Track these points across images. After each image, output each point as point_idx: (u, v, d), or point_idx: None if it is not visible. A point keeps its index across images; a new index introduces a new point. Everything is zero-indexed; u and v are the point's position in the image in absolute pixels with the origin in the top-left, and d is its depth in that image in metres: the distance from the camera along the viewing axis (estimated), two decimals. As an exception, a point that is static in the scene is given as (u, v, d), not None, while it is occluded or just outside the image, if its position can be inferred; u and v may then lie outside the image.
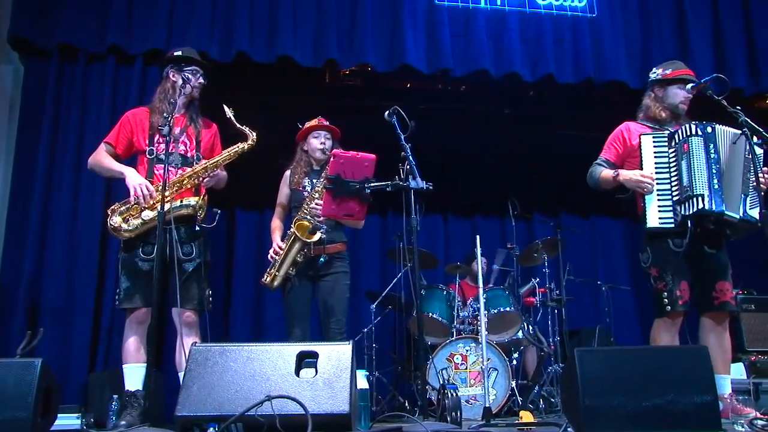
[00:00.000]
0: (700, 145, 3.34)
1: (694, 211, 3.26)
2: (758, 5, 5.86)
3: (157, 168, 3.49)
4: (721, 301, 3.42)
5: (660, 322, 3.44)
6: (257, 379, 2.47)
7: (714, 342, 3.45)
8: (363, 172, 3.43)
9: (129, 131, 3.59)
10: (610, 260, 7.19)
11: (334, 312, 3.84)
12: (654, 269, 3.44)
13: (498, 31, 5.47)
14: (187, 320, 3.44)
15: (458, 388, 4.34)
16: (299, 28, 5.19)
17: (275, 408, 2.32)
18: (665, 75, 3.70)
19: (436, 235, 6.87)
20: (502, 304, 5.05)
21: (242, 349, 2.56)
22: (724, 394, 3.36)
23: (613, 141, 3.74)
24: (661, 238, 3.41)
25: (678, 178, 3.37)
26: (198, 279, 3.49)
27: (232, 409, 2.35)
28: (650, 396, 2.05)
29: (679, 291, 3.33)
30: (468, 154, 6.57)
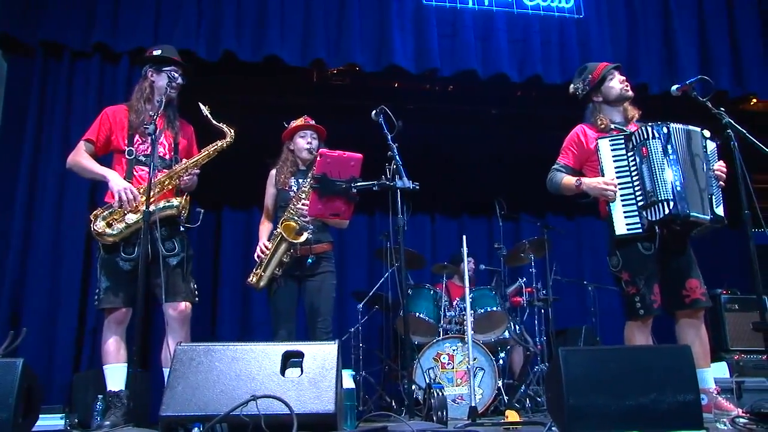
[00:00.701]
0: (658, 148, 3.30)
1: (661, 216, 3.23)
2: (742, 10, 5.92)
3: (137, 169, 3.48)
4: (692, 299, 3.40)
5: (632, 324, 3.45)
6: (242, 379, 2.46)
7: (693, 338, 3.44)
8: (349, 171, 3.43)
9: (108, 128, 3.54)
10: (596, 260, 7.21)
11: (321, 312, 3.84)
12: (625, 273, 3.40)
13: (486, 31, 5.49)
14: (181, 314, 3.42)
15: (444, 387, 4.35)
16: (287, 28, 5.18)
17: (260, 408, 2.31)
18: (592, 79, 3.65)
19: (424, 235, 6.88)
20: (489, 304, 5.06)
21: (227, 349, 2.55)
22: (709, 388, 3.38)
23: (569, 145, 3.67)
24: (630, 242, 3.37)
25: (640, 182, 3.32)
26: (183, 272, 3.48)
27: (216, 409, 2.33)
28: (634, 395, 2.06)
29: (652, 295, 3.32)
30: (455, 154, 6.59)
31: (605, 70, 3.66)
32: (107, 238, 3.33)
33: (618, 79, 3.67)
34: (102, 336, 3.43)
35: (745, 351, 5.27)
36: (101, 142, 3.54)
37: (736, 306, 5.48)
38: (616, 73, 3.68)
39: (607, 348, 2.61)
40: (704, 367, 3.43)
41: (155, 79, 3.60)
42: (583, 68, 3.79)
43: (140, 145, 3.51)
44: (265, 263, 3.79)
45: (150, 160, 3.26)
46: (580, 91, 3.73)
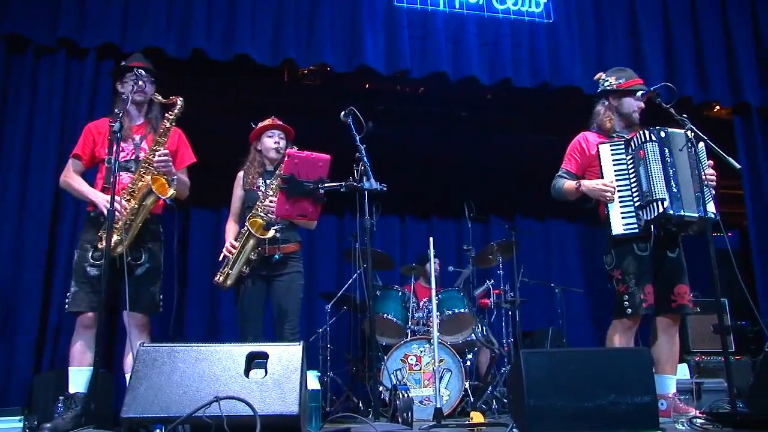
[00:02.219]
0: (655, 150, 3.40)
1: (656, 215, 3.33)
2: (706, 18, 6.03)
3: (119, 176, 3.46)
4: (678, 304, 3.50)
5: (617, 323, 3.49)
6: (206, 380, 2.44)
7: (665, 343, 3.55)
8: (317, 172, 3.43)
9: (92, 141, 3.63)
10: (564, 263, 7.32)
11: (288, 313, 3.83)
12: (617, 271, 3.48)
13: (456, 34, 5.51)
14: (137, 323, 3.47)
15: (411, 388, 4.37)
16: (257, 27, 5.14)
17: (223, 409, 2.30)
18: (619, 85, 3.74)
19: (393, 236, 6.90)
20: (457, 306, 5.09)
21: (191, 350, 2.53)
22: (668, 394, 3.46)
23: (572, 152, 3.77)
24: (626, 242, 3.47)
25: (637, 184, 3.43)
26: (148, 283, 3.53)
27: (179, 411, 2.31)
28: (593, 397, 2.09)
29: (643, 294, 3.38)
30: (426, 155, 6.61)
31: (636, 86, 3.75)
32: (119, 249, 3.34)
33: (637, 103, 3.73)
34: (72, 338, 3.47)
35: (705, 353, 5.37)
36: (87, 156, 3.64)
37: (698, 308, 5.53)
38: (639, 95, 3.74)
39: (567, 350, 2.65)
40: (670, 374, 3.52)
41: (123, 89, 3.66)
42: (624, 70, 3.89)
43: (119, 153, 3.50)
44: (232, 261, 3.77)
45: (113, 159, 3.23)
46: (604, 86, 3.80)
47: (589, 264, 7.21)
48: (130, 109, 3.60)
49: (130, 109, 3.59)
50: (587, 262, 7.25)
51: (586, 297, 6.95)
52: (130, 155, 3.57)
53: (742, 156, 5.98)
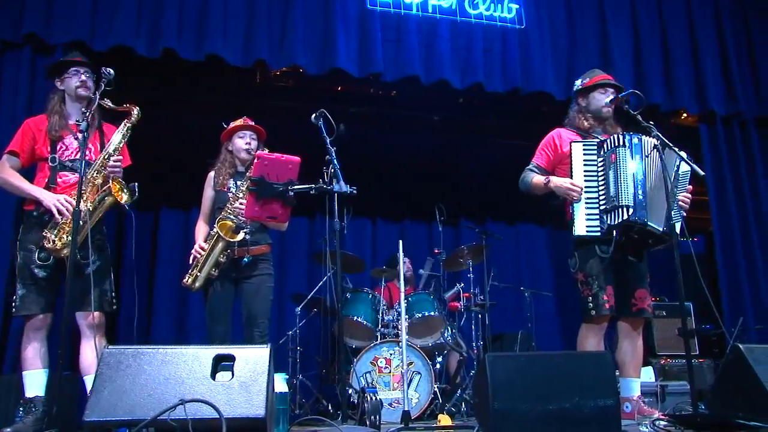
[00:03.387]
0: (626, 156, 3.43)
1: (620, 221, 3.36)
2: (674, 28, 6.14)
3: (60, 175, 3.46)
4: (638, 308, 3.56)
5: (587, 327, 3.53)
6: (171, 383, 2.41)
7: (628, 346, 3.60)
8: (287, 174, 3.42)
9: (31, 138, 3.51)
10: (534, 266, 7.39)
11: (258, 315, 3.81)
12: (581, 274, 3.53)
13: (429, 38, 5.53)
14: (89, 323, 3.40)
15: (380, 391, 4.37)
16: (230, 27, 5.10)
17: (189, 412, 2.27)
18: (585, 84, 3.82)
19: (364, 239, 6.91)
20: (427, 309, 5.10)
21: (157, 352, 2.50)
22: (633, 396, 3.51)
23: (544, 147, 3.79)
24: (588, 244, 3.51)
25: (605, 187, 3.45)
26: (99, 281, 3.44)
27: (144, 414, 2.28)
28: (556, 400, 2.12)
29: (605, 296, 3.42)
30: (397, 158, 6.63)
31: (600, 81, 3.80)
32: (63, 251, 3.28)
33: (605, 96, 3.77)
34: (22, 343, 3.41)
35: (670, 356, 5.46)
36: (26, 153, 3.52)
37: (664, 312, 5.67)
38: (609, 90, 3.78)
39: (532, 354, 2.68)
40: (634, 376, 3.57)
41: (64, 86, 3.59)
42: (591, 71, 3.96)
43: (64, 151, 3.49)
44: (201, 263, 3.74)
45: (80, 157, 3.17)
46: (575, 88, 3.87)
47: (558, 268, 7.29)
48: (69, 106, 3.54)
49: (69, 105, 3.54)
50: (557, 266, 7.32)
51: (556, 300, 7.02)
52: (75, 154, 3.49)
53: (708, 163, 6.10)
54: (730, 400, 2.72)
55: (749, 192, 6.10)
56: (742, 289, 5.83)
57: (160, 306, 6.09)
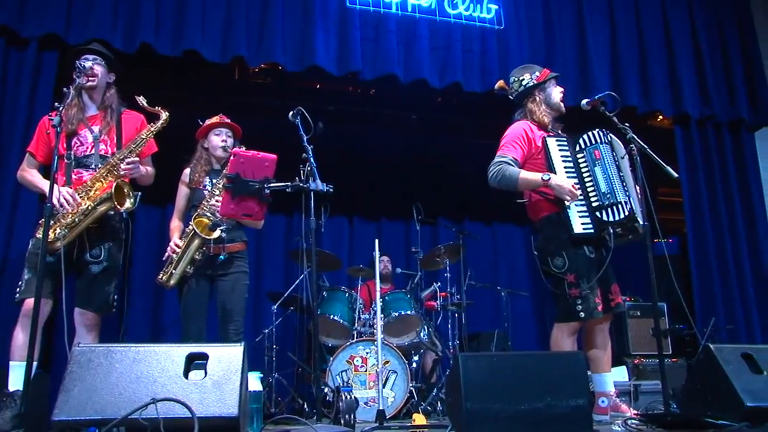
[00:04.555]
0: (609, 153, 3.44)
1: (621, 218, 3.32)
2: (651, 30, 6.21)
3: (75, 172, 3.42)
4: (616, 303, 3.54)
5: (564, 327, 3.48)
6: (143, 382, 2.38)
7: (602, 341, 3.58)
8: (263, 172, 3.41)
9: (46, 137, 3.48)
10: (511, 266, 7.42)
11: (233, 313, 3.79)
12: (571, 275, 3.43)
13: (408, 37, 5.53)
14: (87, 322, 3.40)
15: (355, 390, 4.37)
16: (208, 23, 5.06)
17: (161, 411, 2.25)
18: (538, 78, 3.75)
19: (341, 237, 6.90)
20: (403, 308, 5.11)
21: (129, 350, 2.47)
22: (610, 391, 3.51)
23: (517, 140, 3.61)
24: (578, 244, 3.44)
25: (593, 184, 3.42)
26: (104, 282, 3.43)
27: (114, 413, 2.25)
28: (529, 399, 2.13)
29: (597, 298, 3.39)
30: (375, 157, 6.63)
31: (550, 75, 3.79)
32: (56, 244, 3.22)
33: (558, 89, 3.79)
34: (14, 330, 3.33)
35: (645, 355, 5.52)
36: (42, 152, 3.53)
37: (639, 313, 5.73)
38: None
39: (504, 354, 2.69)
40: (607, 371, 3.58)
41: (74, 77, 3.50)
42: (529, 66, 3.90)
43: (79, 147, 3.46)
44: (176, 261, 3.71)
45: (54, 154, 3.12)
46: (524, 84, 3.78)
47: (535, 268, 7.30)
48: (84, 98, 3.50)
49: (83, 97, 3.49)
50: (534, 266, 7.32)
51: (532, 300, 7.06)
52: (90, 149, 3.46)
53: (682, 165, 6.18)
54: (700, 399, 2.75)
55: (722, 194, 6.19)
56: (714, 290, 5.92)
57: (135, 304, 6.03)
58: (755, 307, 5.94)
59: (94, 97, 3.58)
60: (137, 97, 3.56)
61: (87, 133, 3.49)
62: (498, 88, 3.95)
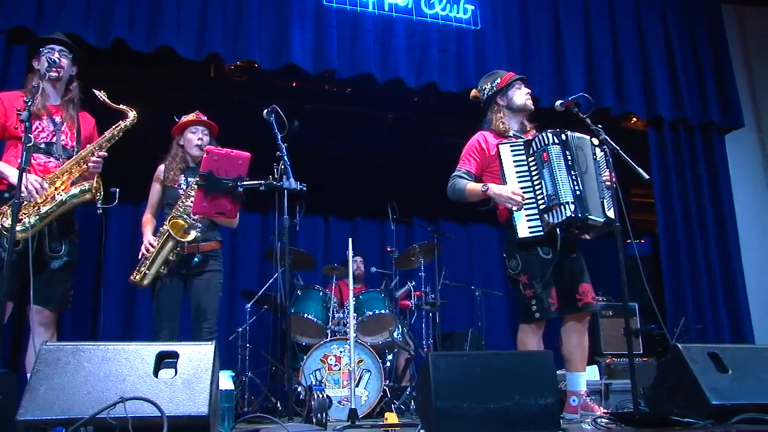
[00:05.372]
0: (559, 153, 3.42)
1: (564, 218, 3.34)
2: (625, 33, 6.29)
3: (35, 157, 3.32)
4: (584, 303, 3.55)
5: (527, 327, 3.53)
6: (112, 380, 2.35)
7: (576, 342, 3.61)
8: (237, 170, 3.39)
9: (3, 113, 3.37)
10: (485, 266, 7.47)
11: (207, 312, 3.76)
12: (524, 276, 3.49)
13: (385, 36, 5.54)
14: (45, 320, 3.32)
15: (328, 389, 4.36)
16: (183, 19, 5.03)
17: (130, 410, 2.22)
18: (499, 84, 3.76)
19: (316, 236, 6.90)
20: (377, 307, 5.11)
21: (98, 349, 2.43)
22: (581, 391, 3.55)
23: (471, 152, 3.72)
24: (530, 246, 3.48)
25: (541, 187, 3.43)
26: (63, 278, 3.37)
27: (82, 412, 2.22)
28: (498, 398, 2.14)
29: (550, 298, 3.42)
30: (351, 156, 6.63)
31: (513, 78, 3.79)
32: (20, 233, 3.12)
33: (524, 90, 3.78)
34: None
35: (616, 355, 5.57)
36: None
37: (610, 312, 5.79)
38: (522, 84, 3.79)
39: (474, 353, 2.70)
40: (580, 371, 3.60)
41: (38, 66, 3.45)
42: (493, 73, 3.90)
43: (40, 132, 3.37)
44: (150, 261, 3.67)
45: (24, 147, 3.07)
46: (486, 93, 3.80)
47: (509, 268, 7.36)
48: (46, 87, 3.41)
49: (46, 86, 3.40)
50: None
51: (506, 300, 7.11)
52: (51, 137, 3.39)
53: (655, 166, 6.27)
54: (668, 398, 2.78)
55: (693, 195, 6.30)
56: (685, 290, 6.01)
57: (108, 302, 5.96)
58: (723, 306, 6.05)
59: (56, 86, 3.51)
60: (97, 91, 3.45)
61: (48, 121, 3.42)
62: (472, 96, 3.96)
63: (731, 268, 6.15)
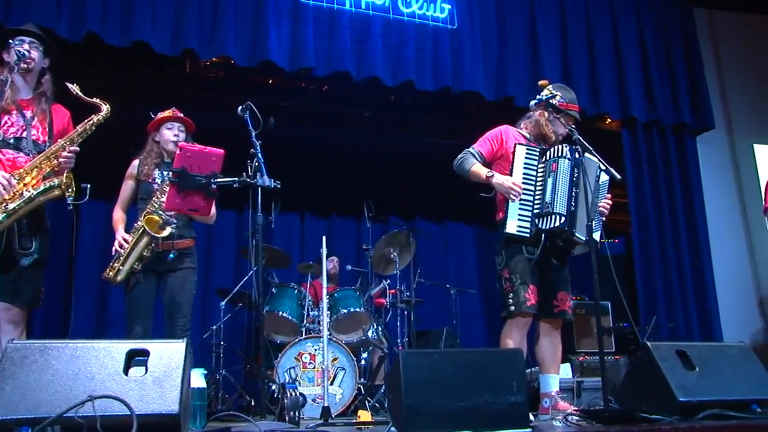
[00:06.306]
0: (567, 168, 3.52)
1: (551, 227, 3.46)
2: (600, 34, 6.35)
3: (4, 152, 3.26)
4: (560, 310, 3.66)
5: (511, 323, 3.58)
6: (81, 379, 2.32)
7: (548, 345, 3.72)
8: (210, 166, 3.37)
9: None
10: (461, 264, 7.50)
11: (181, 310, 3.74)
12: (505, 271, 3.59)
13: (361, 34, 5.53)
14: (14, 318, 3.24)
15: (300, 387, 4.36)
16: (158, 13, 4.98)
17: (99, 408, 2.20)
18: (562, 104, 3.77)
19: (292, 234, 6.88)
20: (353, 305, 5.11)
21: (66, 347, 2.40)
22: (551, 392, 3.62)
23: (491, 138, 3.78)
24: (516, 243, 3.57)
25: (542, 193, 3.54)
26: (33, 275, 3.29)
27: (49, 411, 2.19)
28: (467, 396, 2.16)
29: (526, 293, 3.49)
30: (328, 153, 6.62)
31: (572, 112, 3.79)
32: None
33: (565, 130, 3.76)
34: None
35: (589, 353, 5.63)
36: None
37: (584, 311, 5.84)
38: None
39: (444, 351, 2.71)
40: (554, 373, 3.68)
41: (7, 58, 3.36)
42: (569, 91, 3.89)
43: (9, 127, 3.29)
44: (124, 257, 3.63)
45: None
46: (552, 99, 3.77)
47: (484, 266, 7.42)
48: (17, 80, 3.33)
49: (17, 79, 3.32)
50: (483, 265, 7.46)
51: (481, 298, 7.15)
52: (21, 132, 3.31)
53: (628, 167, 6.35)
54: (638, 395, 2.83)
55: (665, 195, 6.38)
56: (656, 288, 6.10)
57: (80, 300, 5.90)
58: (694, 305, 6.14)
59: (27, 79, 3.42)
60: (70, 84, 3.39)
61: (18, 116, 3.36)
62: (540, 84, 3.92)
63: (702, 268, 6.24)
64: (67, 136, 3.36)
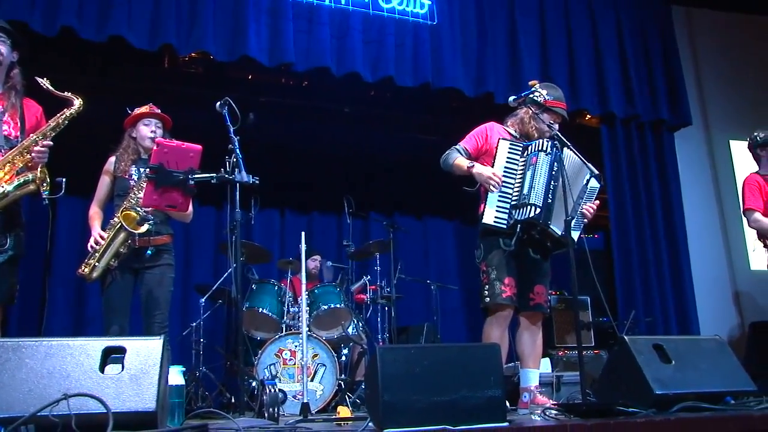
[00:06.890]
0: (546, 162, 3.55)
1: (525, 217, 3.50)
2: (579, 31, 6.38)
3: None
4: (535, 303, 3.69)
5: (492, 318, 3.61)
6: (56, 377, 2.30)
7: (527, 339, 3.75)
8: (188, 162, 3.34)
9: None
10: (441, 260, 7.52)
11: (159, 307, 3.71)
12: (483, 263, 3.65)
13: (341, 29, 5.51)
14: None
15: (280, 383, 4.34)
16: (135, 8, 4.91)
17: (74, 407, 2.17)
18: (547, 101, 3.79)
19: (272, 230, 6.85)
20: (333, 301, 5.10)
21: (40, 345, 2.38)
22: (530, 386, 3.65)
23: (476, 134, 3.86)
24: (493, 236, 3.62)
25: (521, 185, 3.58)
26: (8, 272, 3.27)
27: (23, 410, 2.16)
28: (445, 391, 2.16)
29: (502, 285, 3.53)
30: (307, 149, 6.61)
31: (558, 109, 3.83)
32: None
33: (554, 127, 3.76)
34: None
35: (569, 348, 5.67)
36: None
37: (563, 306, 5.88)
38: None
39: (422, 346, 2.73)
40: (533, 368, 3.72)
41: None
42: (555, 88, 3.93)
43: None
44: (100, 253, 3.59)
45: None
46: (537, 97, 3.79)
47: (464, 262, 7.45)
48: None
49: None
50: (463, 260, 7.49)
51: (461, 294, 7.17)
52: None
53: (607, 162, 6.39)
54: (615, 388, 2.86)
55: (644, 191, 6.44)
56: (635, 283, 6.15)
57: (56, 298, 5.83)
58: (672, 300, 6.20)
59: None
60: (39, 79, 3.35)
61: None
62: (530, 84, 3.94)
63: (679, 263, 6.31)
64: (40, 131, 3.33)
